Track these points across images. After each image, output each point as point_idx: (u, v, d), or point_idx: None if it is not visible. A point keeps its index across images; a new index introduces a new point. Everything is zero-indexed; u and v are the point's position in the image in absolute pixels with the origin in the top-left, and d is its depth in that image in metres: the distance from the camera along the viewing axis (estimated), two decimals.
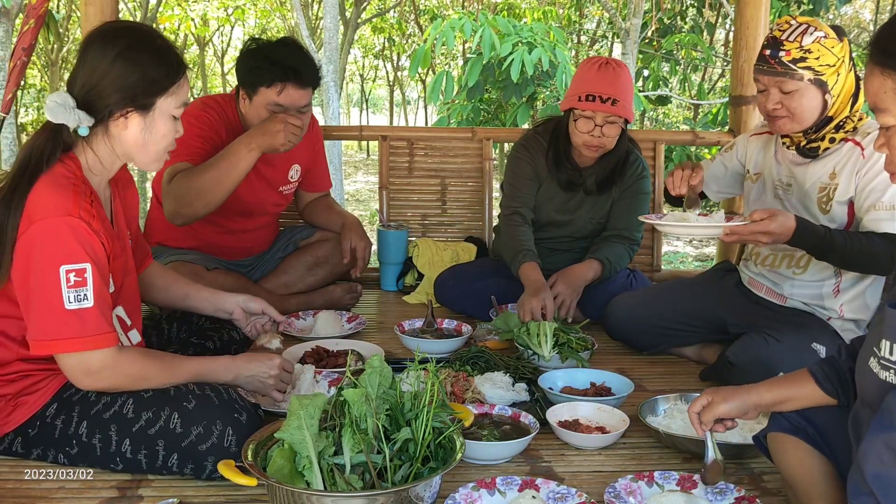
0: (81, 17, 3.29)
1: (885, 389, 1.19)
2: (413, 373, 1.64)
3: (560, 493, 1.62)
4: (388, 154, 3.72)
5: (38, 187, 1.63)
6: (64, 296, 1.58)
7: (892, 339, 1.21)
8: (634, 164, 2.91)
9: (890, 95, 1.27)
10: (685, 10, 8.74)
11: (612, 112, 2.66)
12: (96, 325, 1.62)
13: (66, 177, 1.67)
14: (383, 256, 3.51)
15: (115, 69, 1.68)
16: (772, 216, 2.07)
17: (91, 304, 1.61)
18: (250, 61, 2.65)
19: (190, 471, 1.70)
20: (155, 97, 1.72)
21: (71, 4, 11.72)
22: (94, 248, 1.63)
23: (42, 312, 1.60)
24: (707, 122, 7.60)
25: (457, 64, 12.44)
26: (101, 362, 1.64)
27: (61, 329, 1.60)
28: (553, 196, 2.94)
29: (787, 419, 1.55)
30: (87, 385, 1.69)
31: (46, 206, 1.60)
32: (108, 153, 1.75)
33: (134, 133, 1.73)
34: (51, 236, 1.59)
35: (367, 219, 8.99)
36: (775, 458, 1.59)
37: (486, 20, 6.39)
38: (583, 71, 2.76)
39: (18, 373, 1.73)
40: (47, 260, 1.58)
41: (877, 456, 1.09)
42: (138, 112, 1.71)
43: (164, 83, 1.73)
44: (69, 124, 1.67)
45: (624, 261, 2.91)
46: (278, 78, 2.59)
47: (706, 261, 7.27)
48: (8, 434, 1.76)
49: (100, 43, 1.71)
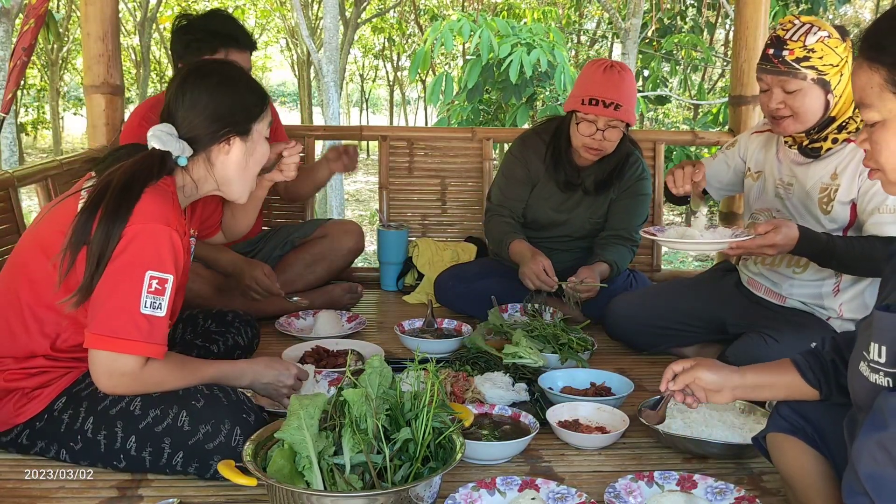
0: (81, 17, 3.29)
1: (876, 391, 1.20)
2: (413, 373, 1.64)
3: (560, 493, 1.62)
4: (388, 154, 3.72)
5: (150, 195, 1.68)
6: (142, 299, 1.63)
7: (880, 342, 1.21)
8: (634, 165, 2.91)
9: (876, 91, 1.26)
10: (685, 10, 8.74)
11: (614, 116, 2.67)
12: (161, 335, 1.67)
13: (167, 192, 1.75)
14: (383, 256, 3.51)
15: (215, 100, 1.80)
16: (776, 228, 2.07)
17: (163, 315, 1.66)
18: (186, 36, 2.68)
19: (194, 470, 1.70)
20: (252, 122, 1.84)
21: (71, 4, 11.72)
22: (179, 263, 1.69)
23: (116, 309, 1.63)
24: (707, 123, 7.60)
25: (456, 65, 12.44)
26: (131, 367, 1.65)
27: (130, 330, 1.63)
28: (550, 195, 2.95)
29: (785, 419, 1.55)
30: (110, 387, 1.69)
31: (151, 212, 1.66)
32: (203, 177, 1.84)
33: (236, 157, 1.84)
34: (148, 240, 1.64)
35: (367, 219, 8.99)
36: (774, 459, 1.59)
37: (484, 22, 6.40)
38: (587, 73, 2.76)
39: (40, 368, 1.75)
40: (137, 261, 1.63)
41: (870, 456, 1.09)
42: (239, 137, 1.82)
43: (257, 109, 1.86)
44: (174, 152, 1.76)
45: (626, 262, 2.92)
46: (219, 44, 2.65)
47: (706, 261, 7.27)
48: (17, 425, 1.77)
49: (197, 78, 1.83)
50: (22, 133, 14.64)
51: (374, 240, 3.55)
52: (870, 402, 1.19)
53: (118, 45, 3.27)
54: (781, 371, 1.58)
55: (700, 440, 1.87)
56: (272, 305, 2.90)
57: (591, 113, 2.68)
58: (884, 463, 1.08)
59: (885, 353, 1.20)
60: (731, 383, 1.61)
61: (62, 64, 14.14)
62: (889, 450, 1.08)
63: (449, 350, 2.58)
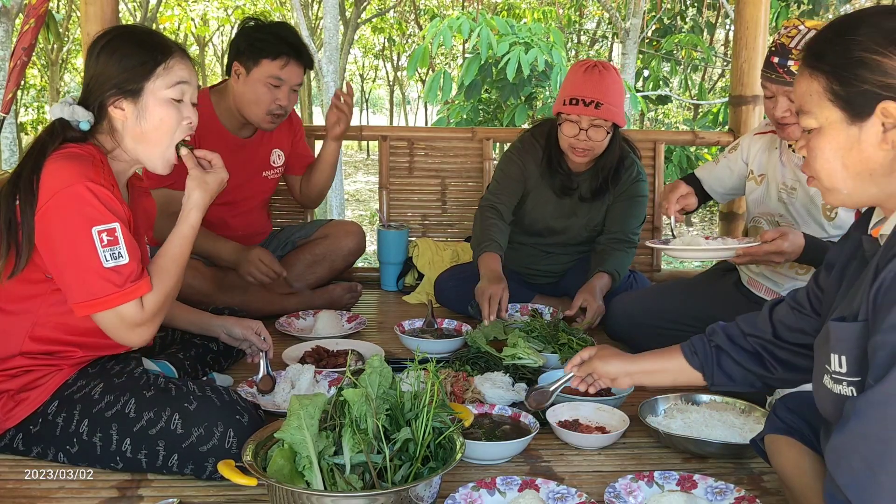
0: (81, 17, 3.29)
1: (842, 402, 1.22)
2: (413, 373, 1.64)
3: (560, 493, 1.62)
4: (388, 154, 3.72)
5: (51, 163, 1.67)
6: (101, 255, 1.62)
7: (839, 352, 1.23)
8: (630, 168, 2.88)
9: (815, 98, 1.29)
10: (685, 10, 8.75)
11: (595, 115, 2.62)
12: (134, 275, 1.67)
13: (82, 154, 1.71)
14: (383, 256, 3.51)
15: (100, 63, 1.75)
16: (783, 235, 2.07)
17: (127, 260, 1.65)
18: (255, 34, 2.73)
19: (190, 471, 1.70)
20: (140, 82, 1.74)
21: (71, 4, 11.72)
22: (117, 209, 1.67)
23: (82, 275, 1.63)
24: (707, 123, 7.61)
25: (456, 63, 12.45)
26: (136, 312, 1.68)
27: (104, 286, 1.63)
28: (547, 202, 2.92)
29: (782, 420, 1.57)
30: (135, 340, 1.72)
31: (64, 175, 1.64)
32: (117, 149, 1.79)
33: (131, 121, 1.76)
34: (75, 202, 1.62)
35: (367, 219, 8.99)
36: (772, 460, 1.60)
37: (484, 20, 6.40)
38: (570, 75, 2.74)
39: (20, 368, 1.74)
40: (77, 224, 1.62)
41: (847, 464, 1.11)
42: (128, 99, 1.74)
43: (147, 66, 1.75)
44: (66, 117, 1.73)
45: (627, 267, 2.91)
46: (284, 52, 2.71)
47: (706, 261, 7.27)
48: (9, 430, 1.77)
49: (91, 46, 1.79)
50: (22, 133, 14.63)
51: (374, 240, 3.55)
52: (838, 414, 1.21)
53: None
54: (671, 356, 1.73)
55: (700, 440, 1.87)
56: (272, 305, 2.90)
57: (572, 113, 2.65)
58: (860, 469, 1.09)
59: (846, 362, 1.22)
60: (626, 370, 1.79)
61: (62, 64, 14.13)
62: (861, 451, 1.09)
63: (449, 350, 2.58)
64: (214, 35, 17.78)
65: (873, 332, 1.14)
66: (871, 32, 1.22)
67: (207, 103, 2.81)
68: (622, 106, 2.71)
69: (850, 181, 1.28)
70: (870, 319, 1.18)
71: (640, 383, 1.82)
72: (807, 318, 1.55)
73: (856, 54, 1.22)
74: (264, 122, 2.80)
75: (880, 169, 1.25)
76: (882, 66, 1.20)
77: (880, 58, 1.20)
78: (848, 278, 1.37)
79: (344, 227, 3.24)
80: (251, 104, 2.75)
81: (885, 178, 1.25)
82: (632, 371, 1.78)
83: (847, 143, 1.26)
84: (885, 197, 1.28)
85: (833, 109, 1.26)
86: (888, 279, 1.14)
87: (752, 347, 1.63)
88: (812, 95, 1.29)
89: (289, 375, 2.15)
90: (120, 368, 1.82)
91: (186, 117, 1.80)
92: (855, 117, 1.24)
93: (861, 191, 1.28)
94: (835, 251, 1.48)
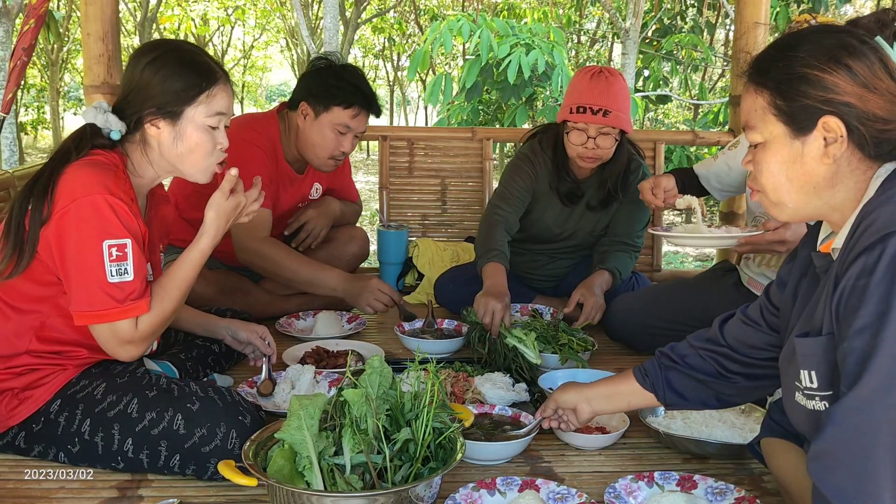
0: (81, 17, 3.29)
1: (816, 417, 1.23)
2: (413, 373, 1.64)
3: (560, 494, 1.62)
4: (388, 154, 3.72)
5: (76, 169, 1.68)
6: (107, 269, 1.63)
7: (808, 367, 1.25)
8: (635, 172, 2.85)
9: (759, 113, 1.32)
10: (685, 10, 8.75)
11: (604, 123, 2.59)
12: (137, 294, 1.68)
13: (106, 164, 1.72)
14: (383, 256, 3.51)
15: (143, 78, 1.75)
16: (785, 224, 2.07)
17: (132, 278, 1.66)
18: (330, 79, 2.69)
19: (192, 472, 1.70)
20: (182, 106, 1.76)
21: (71, 4, 11.72)
22: (132, 225, 1.68)
23: (86, 286, 1.64)
24: (707, 123, 7.61)
25: (456, 65, 12.45)
26: (130, 330, 1.69)
27: (105, 301, 1.64)
28: (553, 210, 2.89)
29: (777, 423, 1.57)
30: (125, 355, 1.73)
31: (87, 183, 1.65)
32: (145, 163, 1.81)
33: (166, 142, 1.78)
34: (92, 212, 1.63)
35: (367, 219, 8.98)
36: (769, 463, 1.60)
37: (484, 22, 6.40)
38: (575, 81, 2.70)
39: (25, 366, 1.75)
40: (89, 235, 1.63)
41: (828, 471, 1.12)
42: (166, 120, 1.76)
43: (190, 92, 1.76)
44: (98, 124, 1.74)
45: (629, 269, 2.89)
46: (357, 102, 2.69)
47: (706, 261, 7.27)
48: (12, 428, 1.77)
49: (136, 55, 1.80)
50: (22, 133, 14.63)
51: (374, 240, 3.55)
52: (813, 429, 1.22)
53: (118, 46, 3.27)
54: (624, 380, 1.77)
55: (700, 440, 1.87)
56: (272, 307, 2.90)
57: (579, 121, 2.61)
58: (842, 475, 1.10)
59: (816, 377, 1.24)
60: (583, 397, 1.80)
61: (62, 64, 14.13)
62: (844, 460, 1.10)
63: (449, 350, 2.58)
64: (214, 35, 17.78)
65: (840, 341, 1.16)
66: (813, 49, 1.26)
67: (276, 133, 2.80)
68: (629, 112, 2.67)
69: (794, 195, 1.32)
70: (835, 331, 1.19)
71: (599, 410, 1.82)
72: (761, 334, 1.57)
73: (798, 70, 1.26)
74: (325, 165, 2.80)
75: (823, 182, 1.28)
76: (823, 82, 1.24)
77: (820, 73, 1.24)
78: (802, 296, 1.40)
79: (348, 231, 3.22)
80: (315, 147, 2.74)
81: (828, 191, 1.29)
82: (589, 397, 1.80)
83: (791, 157, 1.29)
84: (828, 210, 1.31)
85: (777, 124, 1.30)
86: (847, 287, 1.15)
87: (706, 360, 1.64)
88: (757, 110, 1.32)
89: (289, 376, 2.15)
90: (122, 368, 1.83)
91: (220, 143, 1.83)
92: (798, 132, 1.28)
93: (805, 204, 1.32)
94: (786, 269, 1.51)
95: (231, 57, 19.47)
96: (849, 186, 1.28)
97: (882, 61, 1.25)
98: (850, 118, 1.24)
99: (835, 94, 1.23)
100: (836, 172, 1.27)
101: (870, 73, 1.23)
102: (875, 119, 1.23)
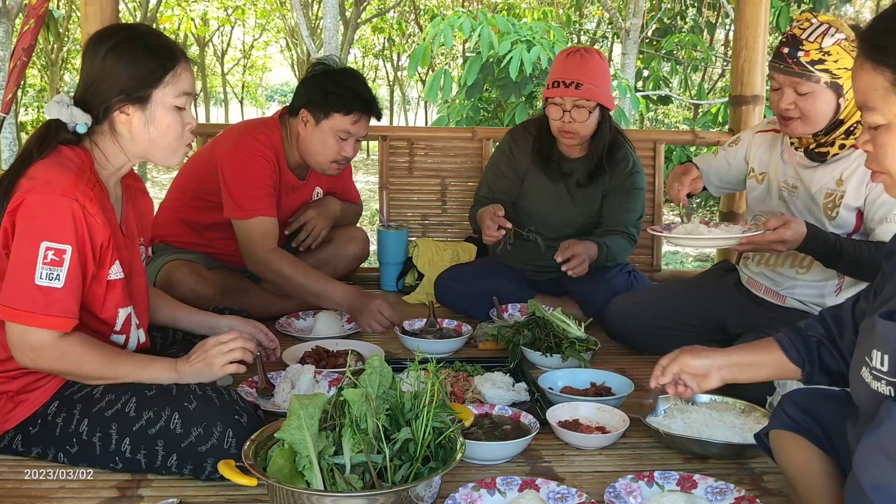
0: (81, 17, 3.29)
1: (878, 400, 1.19)
2: (413, 373, 1.64)
3: (560, 493, 1.62)
4: (388, 154, 3.72)
5: (36, 169, 1.66)
6: (37, 270, 1.60)
7: (883, 350, 1.20)
8: (625, 160, 2.91)
9: (880, 93, 1.22)
10: (685, 10, 8.75)
11: (577, 96, 2.72)
12: (61, 307, 1.63)
13: (71, 160, 1.70)
14: (383, 256, 3.51)
15: (105, 66, 1.72)
16: (786, 224, 2.07)
17: (60, 286, 1.62)
18: (329, 86, 2.69)
19: (189, 471, 1.70)
20: (149, 89, 1.74)
21: (71, 4, 11.72)
22: (81, 232, 1.64)
23: (13, 281, 1.62)
24: (707, 122, 7.60)
25: (456, 63, 12.45)
26: (41, 341, 1.64)
27: (25, 301, 1.61)
28: (541, 188, 2.96)
29: (789, 416, 1.54)
30: (26, 361, 1.68)
31: (45, 182, 1.63)
32: (115, 151, 1.79)
33: (138, 127, 1.75)
34: (41, 210, 1.61)
35: (367, 219, 8.98)
36: (777, 457, 1.58)
37: (485, 19, 6.39)
38: (554, 61, 2.86)
39: (18, 370, 1.74)
40: (32, 232, 1.61)
41: (875, 466, 1.08)
42: (135, 106, 1.74)
43: (156, 75, 1.74)
44: (63, 119, 1.72)
45: (624, 253, 2.91)
46: (357, 108, 2.68)
47: (706, 261, 7.27)
48: (8, 432, 1.76)
49: (93, 44, 1.76)
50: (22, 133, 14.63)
51: (374, 240, 3.55)
52: (872, 409, 1.18)
53: None
54: (767, 350, 1.61)
55: (700, 440, 1.87)
56: (272, 307, 2.90)
57: (555, 96, 2.76)
58: (890, 474, 1.06)
59: (888, 362, 1.19)
60: (717, 363, 1.64)
61: (62, 64, 14.13)
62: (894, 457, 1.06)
63: (449, 350, 2.58)
64: (214, 35, 17.78)
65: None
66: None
67: (278, 140, 2.80)
68: (606, 88, 2.79)
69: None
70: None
71: (732, 379, 1.66)
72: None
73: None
74: (329, 169, 2.80)
75: None
76: None
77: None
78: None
79: (349, 232, 3.21)
80: (317, 153, 2.74)
81: None
82: (722, 364, 1.64)
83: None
84: None
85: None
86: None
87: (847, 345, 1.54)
88: (877, 90, 1.22)
89: (289, 376, 2.15)
90: None
91: (188, 122, 1.81)
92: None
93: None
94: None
95: (231, 57, 19.47)
96: None
97: None
98: None
99: None
100: None
101: None
102: None
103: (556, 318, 2.50)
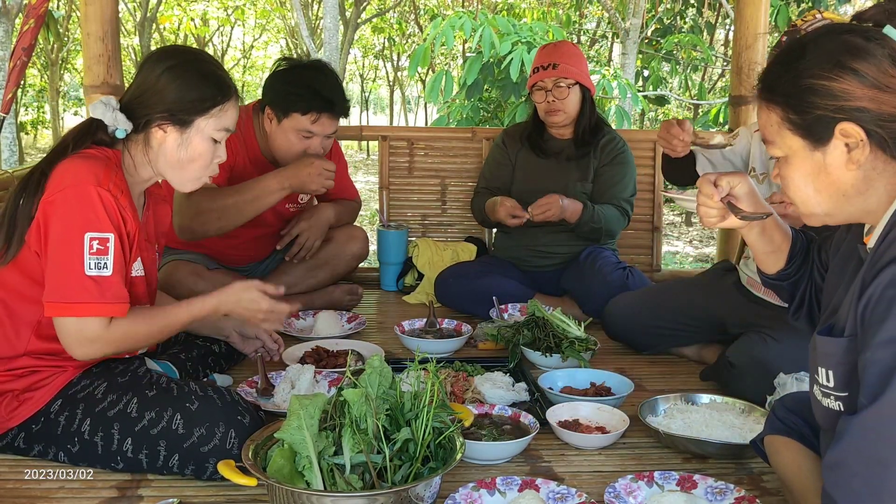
0: (81, 17, 3.29)
1: (831, 415, 1.22)
2: (413, 373, 1.64)
3: (560, 493, 1.62)
4: (388, 154, 3.73)
5: (67, 162, 1.69)
6: (85, 261, 1.63)
7: (826, 366, 1.23)
8: (612, 139, 3.07)
9: (775, 128, 1.29)
10: (685, 10, 8.74)
11: (554, 75, 2.96)
12: (114, 293, 1.67)
13: (101, 157, 1.73)
14: (383, 256, 3.51)
15: (160, 82, 1.76)
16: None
17: (110, 273, 1.66)
18: (287, 86, 2.64)
19: (191, 472, 1.70)
20: (194, 115, 1.77)
21: (71, 4, 11.72)
22: (117, 220, 1.68)
23: (62, 275, 1.64)
24: (707, 122, 7.60)
25: (456, 63, 12.45)
26: (97, 331, 1.67)
27: (80, 293, 1.64)
28: (533, 164, 3.10)
29: (781, 421, 1.57)
30: (86, 353, 1.70)
31: (77, 174, 1.66)
32: (144, 163, 1.81)
33: (170, 147, 1.78)
34: (79, 202, 1.63)
35: (367, 219, 8.98)
36: (772, 461, 1.60)
37: (485, 19, 6.39)
38: (534, 58, 3.11)
39: (25, 368, 1.75)
40: (73, 225, 1.63)
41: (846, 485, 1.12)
42: (175, 127, 1.77)
43: (205, 104, 1.78)
44: (106, 121, 1.75)
45: (615, 222, 2.98)
46: (315, 108, 2.62)
47: (706, 261, 7.27)
48: (11, 429, 1.77)
49: (154, 59, 1.81)
50: (22, 133, 14.63)
51: (373, 240, 3.55)
52: (830, 425, 1.21)
53: (118, 46, 3.27)
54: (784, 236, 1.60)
55: (700, 440, 1.87)
56: None
57: (537, 80, 3.00)
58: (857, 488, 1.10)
59: (833, 377, 1.22)
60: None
61: (62, 64, 14.13)
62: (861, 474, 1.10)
63: (449, 350, 2.58)
64: (214, 35, 17.78)
65: (863, 349, 1.14)
66: (816, 58, 1.22)
67: (249, 124, 2.76)
68: (583, 69, 3.02)
69: (825, 205, 1.28)
70: (858, 335, 1.17)
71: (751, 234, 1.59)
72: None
73: (804, 82, 1.23)
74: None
75: (852, 189, 1.25)
76: (831, 90, 1.20)
77: (827, 82, 1.20)
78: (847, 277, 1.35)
79: (349, 231, 3.19)
80: (283, 150, 2.70)
81: (859, 196, 1.25)
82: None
83: (814, 169, 1.26)
84: (863, 213, 1.28)
85: (794, 138, 1.27)
86: (875, 295, 1.13)
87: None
88: (772, 126, 1.30)
89: (289, 375, 2.15)
90: (124, 368, 1.83)
91: (219, 156, 1.85)
92: (816, 143, 1.24)
93: (839, 211, 1.28)
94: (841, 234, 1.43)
95: (231, 57, 19.46)
96: (880, 190, 1.24)
97: (891, 57, 1.19)
98: (865, 122, 1.19)
99: (846, 100, 1.19)
100: (865, 177, 1.23)
101: (879, 73, 1.19)
102: (892, 119, 1.18)
103: (556, 318, 2.51)
